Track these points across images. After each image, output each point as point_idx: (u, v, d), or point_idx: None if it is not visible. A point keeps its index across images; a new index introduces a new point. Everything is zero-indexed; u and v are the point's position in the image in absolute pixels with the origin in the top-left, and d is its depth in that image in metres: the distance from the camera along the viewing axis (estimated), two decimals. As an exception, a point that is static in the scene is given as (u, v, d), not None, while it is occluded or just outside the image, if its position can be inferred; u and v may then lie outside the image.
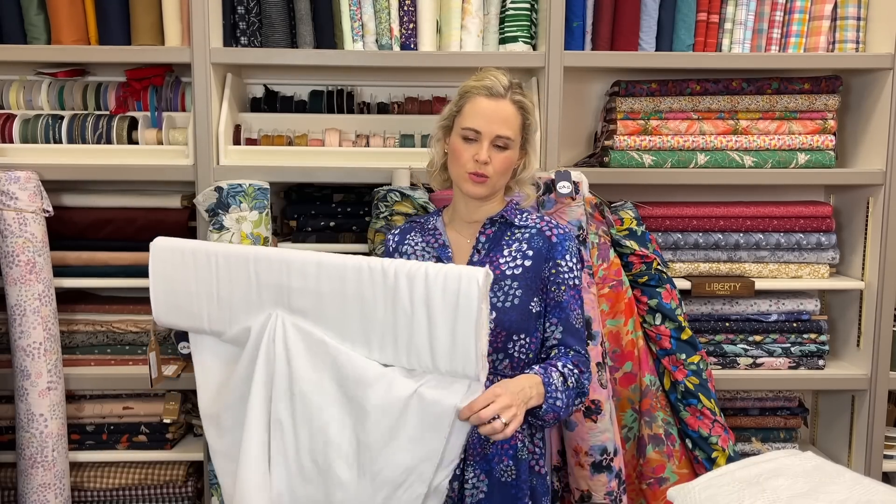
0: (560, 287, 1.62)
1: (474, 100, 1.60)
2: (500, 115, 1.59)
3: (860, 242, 2.40)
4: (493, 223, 1.68)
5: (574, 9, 2.25)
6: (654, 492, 2.10)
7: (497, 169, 1.60)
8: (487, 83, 1.60)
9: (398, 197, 2.12)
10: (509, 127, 1.60)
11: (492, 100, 1.59)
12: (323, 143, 2.33)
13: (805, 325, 2.39)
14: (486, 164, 1.58)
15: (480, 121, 1.58)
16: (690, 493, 1.26)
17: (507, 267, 1.62)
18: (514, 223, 1.67)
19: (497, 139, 1.59)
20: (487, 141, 1.58)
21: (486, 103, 1.59)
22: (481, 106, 1.59)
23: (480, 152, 1.58)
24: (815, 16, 2.32)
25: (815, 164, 2.32)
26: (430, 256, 1.68)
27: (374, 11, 2.24)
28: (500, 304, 1.60)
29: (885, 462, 2.42)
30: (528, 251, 1.63)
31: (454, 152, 1.63)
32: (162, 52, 2.23)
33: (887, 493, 1.19)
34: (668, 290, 2.13)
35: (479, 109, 1.59)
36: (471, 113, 1.60)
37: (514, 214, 1.68)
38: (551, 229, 1.66)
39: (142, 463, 2.35)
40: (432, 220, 1.75)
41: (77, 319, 2.34)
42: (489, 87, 1.59)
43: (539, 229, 1.66)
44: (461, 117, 1.62)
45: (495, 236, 1.67)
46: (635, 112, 2.32)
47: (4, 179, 2.09)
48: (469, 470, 1.59)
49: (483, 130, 1.58)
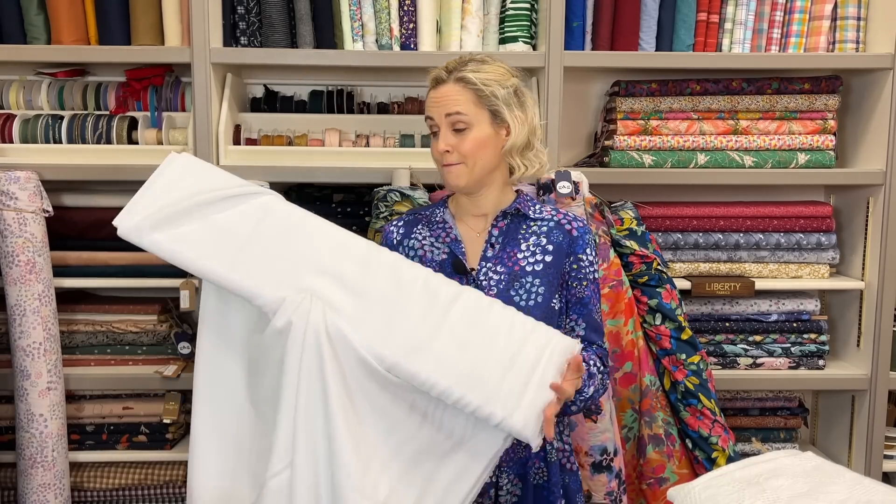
0: (582, 283, 1.57)
1: (428, 94, 1.58)
2: (444, 96, 1.53)
3: (860, 242, 2.40)
4: (505, 215, 1.60)
5: (574, 9, 2.25)
6: (654, 492, 2.10)
7: (465, 151, 1.52)
8: (433, 75, 1.57)
9: (398, 197, 2.12)
10: (456, 103, 1.52)
11: (435, 88, 1.55)
12: (323, 143, 2.33)
13: (805, 325, 2.39)
14: (450, 153, 1.52)
15: (431, 109, 1.55)
16: (690, 493, 1.26)
17: (526, 263, 1.56)
18: (529, 215, 1.60)
19: (450, 120, 1.52)
20: (444, 127, 1.53)
21: (432, 94, 1.56)
22: (432, 95, 1.56)
23: (440, 142, 1.53)
24: (815, 16, 2.32)
25: (815, 164, 2.32)
26: (440, 252, 1.60)
27: (374, 11, 2.24)
28: (522, 302, 1.53)
29: (885, 462, 2.42)
30: (547, 246, 1.57)
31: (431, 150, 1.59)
32: (162, 52, 2.23)
33: (887, 493, 1.19)
34: (668, 290, 2.13)
35: (431, 98, 1.56)
36: (427, 105, 1.57)
37: (527, 206, 1.61)
38: (570, 222, 1.59)
39: (142, 463, 2.35)
40: (438, 211, 1.65)
41: (77, 319, 2.34)
42: (434, 78, 1.56)
43: (557, 222, 1.59)
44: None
45: (509, 229, 1.59)
46: (635, 112, 2.32)
47: (4, 179, 2.08)
48: (503, 476, 1.56)
49: (434, 115, 1.54)
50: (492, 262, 1.56)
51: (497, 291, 1.53)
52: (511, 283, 1.54)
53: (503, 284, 1.54)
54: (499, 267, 1.56)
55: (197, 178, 1.42)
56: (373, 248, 1.44)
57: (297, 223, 1.42)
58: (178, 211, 1.38)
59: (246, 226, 1.39)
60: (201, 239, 1.37)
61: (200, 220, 1.38)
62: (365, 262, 1.41)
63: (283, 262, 1.38)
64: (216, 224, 1.38)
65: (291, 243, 1.40)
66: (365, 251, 1.43)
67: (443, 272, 1.54)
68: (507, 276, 1.54)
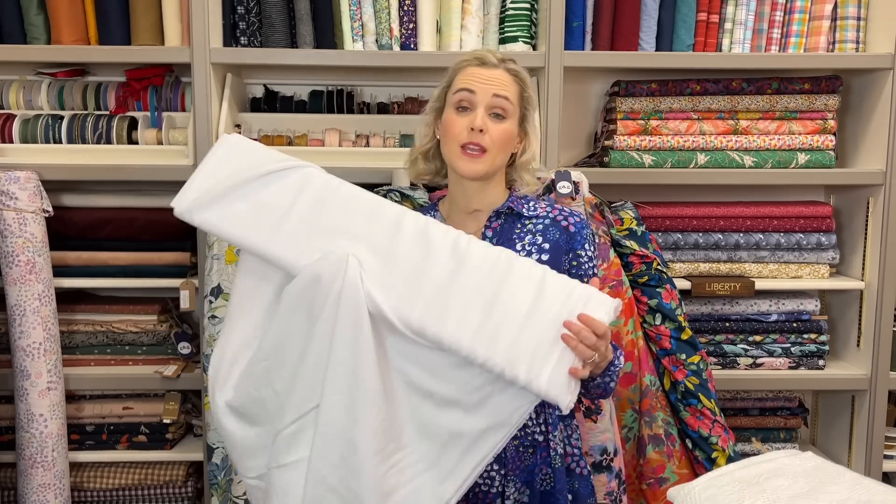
0: (582, 279, 1.51)
1: (466, 69, 1.49)
2: (493, 76, 1.47)
3: (860, 242, 2.40)
4: (499, 215, 1.55)
5: (574, 9, 2.25)
6: (654, 492, 2.10)
7: (495, 139, 1.46)
8: (477, 54, 1.51)
9: (398, 197, 2.12)
10: (506, 89, 1.47)
11: (483, 67, 1.48)
12: (323, 143, 2.33)
13: (805, 325, 2.39)
14: (483, 133, 1.44)
15: (473, 81, 1.46)
16: (690, 493, 1.26)
17: None
18: (523, 214, 1.55)
19: (494, 102, 1.45)
20: (483, 106, 1.45)
21: (477, 70, 1.48)
22: (474, 71, 1.48)
23: (475, 118, 1.44)
24: (815, 16, 2.32)
25: (815, 164, 2.32)
26: None
27: (374, 11, 2.24)
28: None
29: (885, 462, 2.42)
30: (543, 244, 1.51)
31: (447, 126, 1.49)
32: (162, 52, 2.23)
33: (887, 493, 1.19)
34: (668, 290, 2.13)
35: (473, 74, 1.47)
36: (462, 78, 1.48)
37: (520, 204, 1.55)
38: (566, 218, 1.54)
39: (142, 463, 2.35)
40: (429, 214, 1.59)
41: (77, 319, 2.34)
42: (480, 58, 1.49)
43: (553, 219, 1.54)
44: (451, 88, 1.51)
45: (503, 229, 1.54)
46: (635, 112, 2.32)
47: (4, 179, 2.08)
48: (510, 485, 1.51)
49: (477, 90, 1.45)
50: None
51: None
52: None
53: None
54: None
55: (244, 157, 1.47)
56: (406, 214, 1.43)
57: (332, 192, 1.44)
58: (224, 189, 1.43)
59: (285, 199, 1.42)
60: (245, 215, 1.42)
61: (245, 197, 1.42)
62: (396, 227, 1.40)
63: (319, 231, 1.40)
64: (259, 199, 1.42)
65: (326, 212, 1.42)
66: (397, 215, 1.42)
67: None
68: None
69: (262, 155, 1.48)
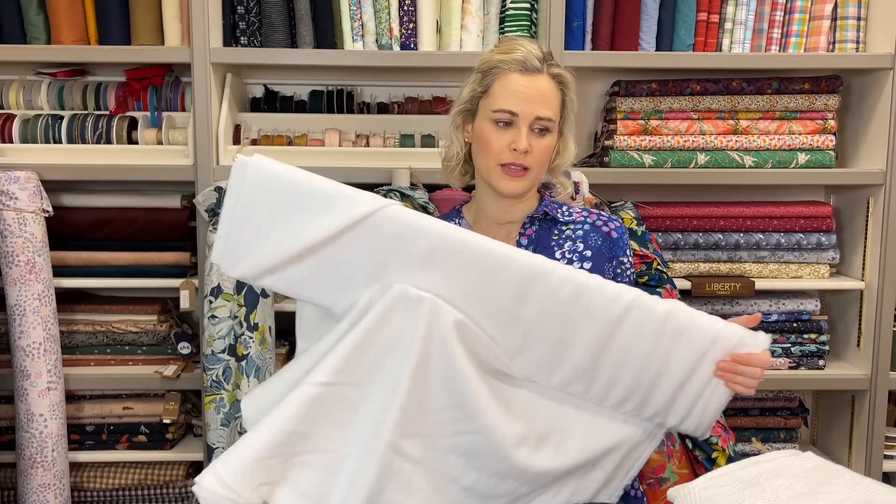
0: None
1: (505, 77, 1.35)
2: (538, 92, 1.34)
3: (860, 242, 2.40)
4: (533, 221, 1.44)
5: (574, 9, 2.24)
6: (654, 492, 2.10)
7: (538, 159, 1.36)
8: (518, 55, 1.35)
9: (398, 197, 2.12)
10: (550, 106, 1.36)
11: (527, 75, 1.35)
12: (323, 143, 2.33)
13: (805, 325, 2.39)
14: (527, 154, 1.34)
15: (516, 101, 1.34)
16: (690, 493, 1.26)
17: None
18: (559, 219, 1.44)
19: (536, 122, 1.35)
20: (525, 125, 1.34)
21: (520, 80, 1.34)
22: (515, 83, 1.34)
23: (519, 139, 1.33)
24: (815, 16, 2.32)
25: (815, 164, 2.32)
26: None
27: (374, 11, 2.24)
28: None
29: (885, 462, 2.41)
30: (585, 251, 1.41)
31: (483, 141, 1.37)
32: (162, 52, 2.23)
33: (887, 493, 1.19)
34: (668, 290, 2.12)
35: (514, 88, 1.34)
36: (503, 92, 1.35)
37: (555, 209, 1.45)
38: (606, 223, 1.45)
39: (141, 463, 2.35)
40: (454, 222, 1.47)
41: (77, 319, 2.33)
42: (522, 61, 1.35)
43: (593, 224, 1.44)
44: (489, 98, 1.37)
45: (539, 237, 1.43)
46: (635, 112, 2.32)
47: (4, 179, 2.08)
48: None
49: (521, 112, 1.33)
50: None
51: None
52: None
53: None
54: None
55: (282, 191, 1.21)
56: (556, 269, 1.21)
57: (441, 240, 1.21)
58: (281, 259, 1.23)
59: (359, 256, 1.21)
60: (308, 278, 1.24)
61: (305, 261, 1.23)
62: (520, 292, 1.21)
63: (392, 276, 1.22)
64: (324, 261, 1.23)
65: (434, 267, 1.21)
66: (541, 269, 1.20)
67: None
68: None
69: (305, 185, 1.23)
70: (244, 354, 2.10)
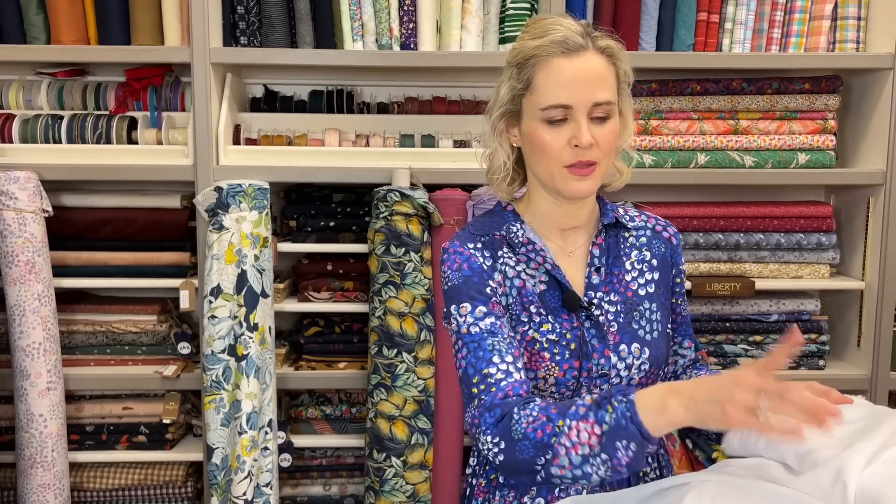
0: (682, 297, 1.34)
1: (547, 64, 1.16)
2: (589, 74, 1.16)
3: (860, 242, 2.40)
4: (602, 229, 1.30)
5: (574, 9, 2.24)
6: (655, 492, 2.10)
7: (605, 149, 1.18)
8: (557, 35, 1.16)
9: (398, 197, 2.12)
10: (606, 87, 1.17)
11: (572, 57, 1.15)
12: (323, 143, 2.33)
13: (805, 325, 2.39)
14: (592, 147, 1.16)
15: (566, 91, 1.15)
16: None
17: (636, 286, 1.28)
18: (626, 225, 1.32)
19: (595, 109, 1.16)
20: (583, 115, 1.16)
21: (565, 65, 1.15)
22: (561, 70, 1.15)
23: (580, 133, 1.15)
24: (815, 16, 2.32)
25: (815, 164, 2.32)
26: (535, 281, 1.25)
27: (374, 11, 2.24)
28: (647, 336, 1.25)
29: (886, 462, 2.41)
30: (651, 260, 1.30)
31: (538, 145, 1.19)
32: (162, 52, 2.23)
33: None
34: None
35: (560, 76, 1.16)
36: (548, 84, 1.16)
37: (620, 214, 1.33)
38: (665, 228, 1.34)
39: (141, 463, 2.35)
40: (515, 227, 1.28)
41: (76, 319, 2.33)
42: (563, 41, 1.15)
43: (653, 229, 1.33)
44: (534, 94, 1.18)
45: (608, 246, 1.29)
46: (635, 112, 2.31)
47: (4, 179, 2.08)
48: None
49: (575, 102, 1.15)
50: (602, 291, 1.26)
51: (618, 327, 1.25)
52: (629, 313, 1.26)
53: (622, 317, 1.25)
54: (612, 295, 1.26)
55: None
56: None
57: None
58: None
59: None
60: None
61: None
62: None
63: None
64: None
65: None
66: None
67: (544, 308, 1.24)
68: (624, 306, 1.26)
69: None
70: (244, 354, 2.10)
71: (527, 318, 1.23)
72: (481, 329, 1.19)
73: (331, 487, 2.45)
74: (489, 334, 1.19)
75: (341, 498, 2.45)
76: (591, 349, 1.23)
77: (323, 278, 2.32)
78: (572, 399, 1.17)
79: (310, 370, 2.33)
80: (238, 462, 2.11)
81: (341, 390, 2.41)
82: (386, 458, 2.13)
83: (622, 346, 1.24)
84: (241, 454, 2.10)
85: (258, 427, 2.13)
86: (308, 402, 2.41)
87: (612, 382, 1.24)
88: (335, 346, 2.34)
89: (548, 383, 1.22)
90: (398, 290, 2.12)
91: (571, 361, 1.22)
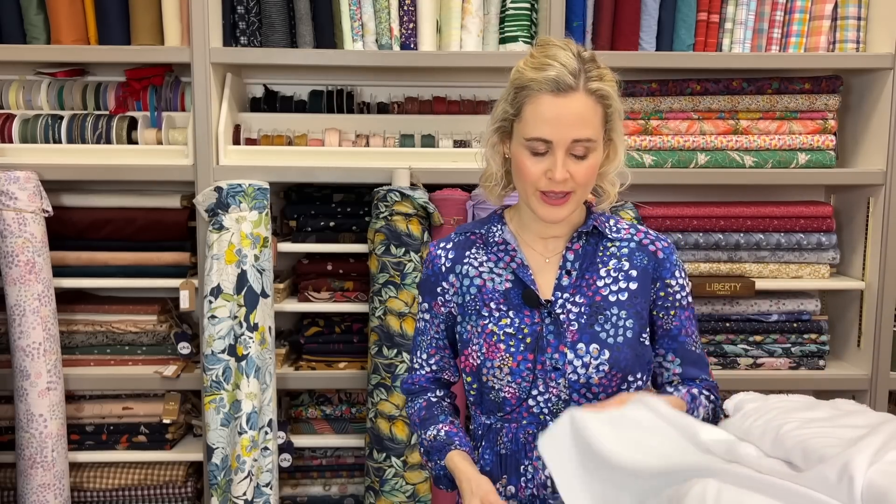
0: (669, 312, 1.36)
1: (537, 99, 1.24)
2: (572, 114, 1.23)
3: (860, 242, 2.40)
4: (580, 236, 1.37)
5: (574, 9, 2.24)
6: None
7: (580, 181, 1.26)
8: (551, 73, 1.22)
9: (398, 197, 2.12)
10: (587, 126, 1.24)
11: (560, 96, 1.23)
12: (323, 143, 2.33)
13: (805, 325, 2.38)
14: (567, 181, 1.25)
15: (548, 128, 1.23)
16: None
17: (608, 291, 1.34)
18: (606, 234, 1.37)
19: (574, 146, 1.24)
20: (562, 150, 1.24)
21: (552, 103, 1.23)
22: (546, 107, 1.23)
23: (555, 169, 1.24)
24: (815, 16, 2.32)
25: (815, 164, 2.32)
26: (502, 280, 1.36)
27: (373, 11, 2.24)
28: (610, 339, 1.31)
29: (886, 462, 2.41)
30: (630, 270, 1.35)
31: (518, 167, 1.29)
32: (161, 51, 2.23)
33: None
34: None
35: (545, 112, 1.23)
36: (534, 117, 1.24)
37: (604, 223, 1.38)
38: (653, 242, 1.38)
39: (141, 463, 2.35)
40: (495, 228, 1.39)
41: (76, 320, 2.33)
42: (554, 80, 1.22)
43: (639, 242, 1.37)
44: (521, 123, 1.27)
45: (586, 252, 1.36)
46: (636, 112, 2.32)
47: (4, 179, 2.08)
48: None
49: (554, 139, 1.23)
50: (569, 292, 1.34)
51: (578, 326, 1.32)
52: (594, 315, 1.32)
53: (584, 318, 1.32)
54: (577, 297, 1.34)
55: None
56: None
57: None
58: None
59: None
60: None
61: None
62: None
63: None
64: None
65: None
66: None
67: (507, 305, 1.34)
68: (589, 308, 1.33)
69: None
70: (244, 354, 2.10)
71: (487, 313, 1.36)
72: (424, 323, 1.45)
73: (331, 487, 2.45)
74: (421, 331, 1.45)
75: (341, 498, 2.45)
76: (546, 343, 1.32)
77: (323, 278, 2.32)
78: (435, 417, 1.42)
79: (310, 370, 2.33)
80: (238, 462, 2.11)
81: (341, 390, 2.41)
82: (386, 458, 2.13)
83: (580, 344, 1.32)
84: (241, 454, 2.10)
85: (258, 427, 2.13)
86: (308, 402, 2.41)
87: (569, 378, 1.31)
88: (335, 346, 2.34)
89: (503, 372, 1.33)
90: (398, 290, 2.12)
91: (526, 354, 1.32)
